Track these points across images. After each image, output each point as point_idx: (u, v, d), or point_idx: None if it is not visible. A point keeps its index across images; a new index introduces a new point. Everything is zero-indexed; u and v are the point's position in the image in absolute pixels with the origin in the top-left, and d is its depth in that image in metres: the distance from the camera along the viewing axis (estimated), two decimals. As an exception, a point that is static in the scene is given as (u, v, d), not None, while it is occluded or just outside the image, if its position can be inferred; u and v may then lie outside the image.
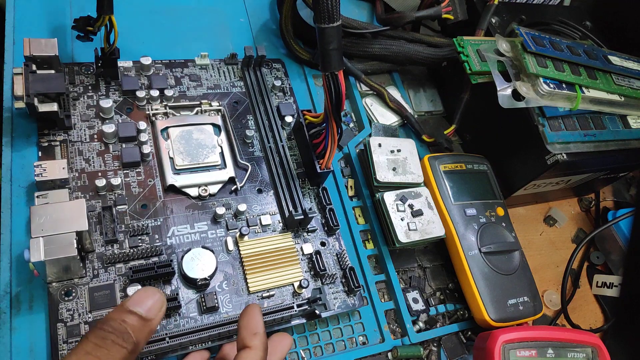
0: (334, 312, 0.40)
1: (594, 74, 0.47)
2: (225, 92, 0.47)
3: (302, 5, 0.51)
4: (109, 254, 0.36)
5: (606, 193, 0.64)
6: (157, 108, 0.43)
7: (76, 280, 0.35)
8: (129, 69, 0.45)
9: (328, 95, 0.37)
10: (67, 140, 0.40)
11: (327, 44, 0.34)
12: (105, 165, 0.40)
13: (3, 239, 0.35)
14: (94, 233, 0.37)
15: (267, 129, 0.46)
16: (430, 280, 0.47)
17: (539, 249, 0.57)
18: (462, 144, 0.56)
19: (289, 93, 0.50)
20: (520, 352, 0.40)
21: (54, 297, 0.34)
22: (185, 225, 0.39)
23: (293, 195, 0.42)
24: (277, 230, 0.42)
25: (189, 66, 0.47)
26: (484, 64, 0.45)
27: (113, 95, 0.43)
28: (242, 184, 0.43)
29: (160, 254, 0.37)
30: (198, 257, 0.38)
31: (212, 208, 0.41)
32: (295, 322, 0.38)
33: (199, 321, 0.36)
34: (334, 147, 0.41)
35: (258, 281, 0.39)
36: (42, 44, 0.38)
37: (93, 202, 0.38)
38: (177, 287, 0.37)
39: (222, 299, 0.37)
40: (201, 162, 0.42)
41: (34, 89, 0.36)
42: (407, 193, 0.45)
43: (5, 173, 0.38)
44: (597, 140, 0.48)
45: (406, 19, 0.51)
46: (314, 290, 0.40)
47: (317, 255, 0.41)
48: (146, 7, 0.50)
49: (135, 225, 0.38)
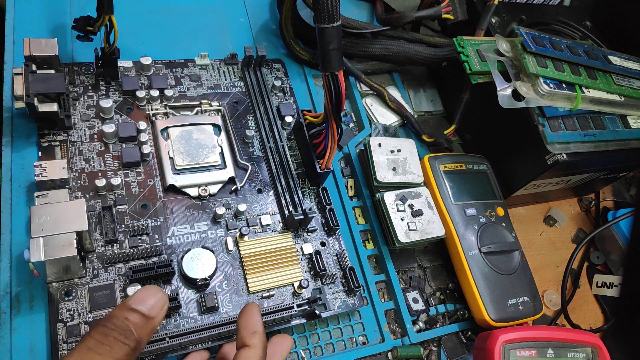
0: (334, 312, 0.40)
1: (594, 74, 0.48)
2: (225, 92, 0.47)
3: (302, 5, 0.51)
4: (109, 254, 0.36)
5: (606, 193, 0.64)
6: (157, 108, 0.43)
7: (76, 280, 0.35)
8: (129, 69, 0.45)
9: (328, 95, 0.37)
10: (67, 140, 0.40)
11: (327, 44, 0.34)
12: (105, 165, 0.40)
13: (3, 239, 0.35)
14: (94, 233, 0.37)
15: (267, 129, 0.46)
16: (430, 280, 0.47)
17: (539, 249, 0.57)
18: (462, 144, 0.56)
19: (289, 93, 0.50)
20: (520, 352, 0.40)
21: (54, 297, 0.34)
22: (185, 225, 0.39)
23: (293, 195, 0.42)
24: (277, 230, 0.42)
25: (189, 66, 0.47)
26: (484, 64, 0.45)
27: (113, 95, 0.43)
28: (242, 184, 0.43)
29: (160, 254, 0.37)
30: (198, 257, 0.38)
31: (212, 208, 0.41)
32: (295, 322, 0.38)
33: (199, 321, 0.36)
34: (334, 147, 0.41)
35: (258, 281, 0.39)
36: (42, 44, 0.38)
37: (93, 202, 0.38)
38: (177, 287, 0.37)
39: (222, 299, 0.37)
40: (201, 162, 0.42)
41: (34, 89, 0.36)
42: (407, 193, 0.45)
43: (5, 173, 0.38)
44: (597, 140, 0.48)
45: (406, 19, 0.51)
46: (314, 291, 0.40)
47: (317, 255, 0.41)
48: (146, 7, 0.50)
49: (135, 225, 0.38)
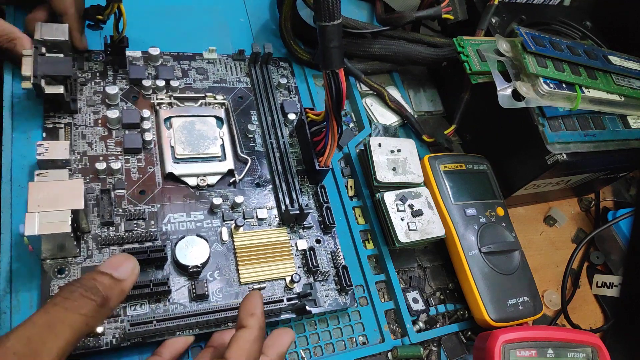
0: (323, 309, 0.40)
1: (594, 74, 0.48)
2: (230, 86, 0.48)
3: (302, 5, 0.51)
4: (104, 236, 0.37)
5: (606, 193, 0.64)
6: (162, 98, 0.44)
7: (70, 259, 0.35)
8: (137, 58, 0.45)
9: (329, 93, 0.37)
10: (72, 124, 0.40)
11: (328, 41, 0.35)
12: (107, 150, 0.40)
13: (3, 239, 0.35)
14: (91, 215, 0.37)
15: (269, 125, 0.46)
16: (430, 280, 0.47)
17: (539, 249, 0.57)
18: (462, 144, 0.56)
19: (294, 91, 0.50)
20: (520, 352, 0.40)
21: (47, 274, 0.34)
22: (182, 214, 0.40)
23: (291, 191, 0.43)
24: (273, 224, 0.42)
25: (196, 59, 0.48)
26: (484, 64, 0.45)
27: (120, 83, 0.44)
28: (241, 177, 0.43)
29: (154, 239, 0.38)
30: (192, 244, 0.38)
31: (209, 198, 0.41)
32: (284, 316, 0.39)
33: (188, 307, 0.36)
34: (334, 145, 0.41)
35: (250, 273, 0.39)
36: (54, 29, 0.39)
37: (92, 185, 0.38)
38: (168, 272, 0.37)
39: (212, 288, 0.38)
40: (201, 152, 0.42)
41: (42, 70, 0.37)
42: (407, 193, 0.45)
43: (5, 173, 0.38)
44: (597, 140, 0.48)
45: (406, 19, 0.51)
46: (305, 286, 0.40)
47: (311, 251, 0.41)
48: (146, 7, 0.50)
49: (132, 209, 0.38)
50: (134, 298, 0.35)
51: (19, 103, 0.40)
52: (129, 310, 0.35)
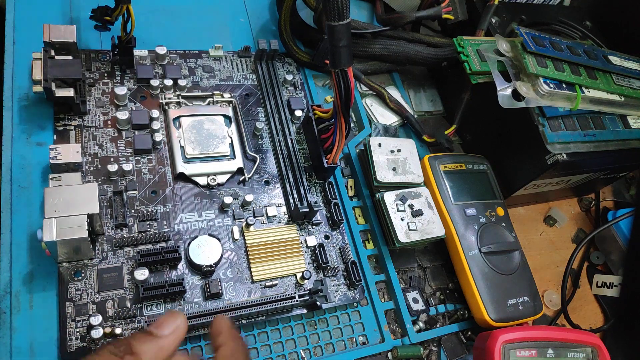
0: (334, 304, 0.40)
1: (594, 74, 0.48)
2: (237, 84, 0.48)
3: (302, 6, 0.51)
4: (118, 238, 0.37)
5: (606, 193, 0.64)
6: (170, 97, 0.44)
7: (86, 261, 0.36)
8: (144, 57, 0.46)
9: (337, 91, 0.37)
10: (82, 125, 0.41)
11: (337, 41, 0.35)
12: (118, 151, 0.41)
13: (3, 239, 0.35)
14: (105, 217, 0.38)
15: (276, 122, 0.46)
16: (430, 280, 0.47)
17: (539, 249, 0.57)
18: (462, 144, 0.56)
19: (300, 88, 0.51)
20: (520, 352, 0.40)
21: (64, 276, 0.35)
22: (193, 213, 0.40)
23: (299, 188, 0.43)
24: (282, 221, 0.43)
25: (202, 57, 0.48)
26: (484, 64, 0.45)
27: (128, 83, 0.44)
28: (250, 175, 0.43)
29: (167, 239, 0.38)
30: (204, 244, 0.38)
31: (219, 197, 0.42)
32: (296, 312, 0.39)
33: (203, 306, 0.37)
34: (342, 142, 0.41)
35: (262, 270, 0.40)
36: (62, 30, 0.39)
37: (104, 187, 0.39)
38: (182, 272, 0.38)
39: (226, 286, 0.38)
40: (211, 151, 0.42)
41: (52, 73, 0.38)
42: (407, 193, 0.45)
43: (5, 173, 0.38)
44: (597, 140, 0.48)
45: (406, 19, 0.51)
46: (316, 282, 0.41)
47: (321, 248, 0.42)
48: (146, 7, 0.50)
49: (145, 210, 0.39)
50: (150, 299, 0.36)
51: (19, 103, 0.40)
52: (145, 311, 0.35)
